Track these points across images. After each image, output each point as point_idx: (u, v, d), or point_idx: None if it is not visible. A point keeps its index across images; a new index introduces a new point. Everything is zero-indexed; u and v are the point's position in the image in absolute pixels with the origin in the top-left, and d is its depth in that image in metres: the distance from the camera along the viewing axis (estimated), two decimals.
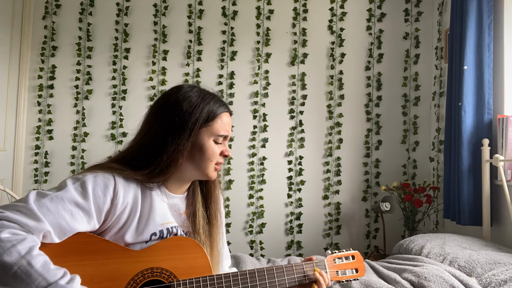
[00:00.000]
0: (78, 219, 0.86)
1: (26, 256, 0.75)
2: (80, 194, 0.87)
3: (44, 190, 0.88)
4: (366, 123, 3.10)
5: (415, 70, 3.08)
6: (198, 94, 1.02)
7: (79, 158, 3.09)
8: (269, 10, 3.13)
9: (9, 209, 0.81)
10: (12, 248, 0.75)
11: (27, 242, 0.77)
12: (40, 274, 0.75)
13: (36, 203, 0.83)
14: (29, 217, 0.80)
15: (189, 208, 1.07)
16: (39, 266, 0.76)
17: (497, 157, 2.05)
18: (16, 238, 0.77)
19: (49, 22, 3.14)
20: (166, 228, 0.99)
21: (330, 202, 3.08)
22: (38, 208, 0.82)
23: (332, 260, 1.12)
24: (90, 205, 0.88)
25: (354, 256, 1.16)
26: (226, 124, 1.05)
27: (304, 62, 3.12)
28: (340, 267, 1.13)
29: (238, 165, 3.08)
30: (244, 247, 3.05)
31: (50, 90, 3.12)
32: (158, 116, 1.01)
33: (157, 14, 3.14)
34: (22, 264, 0.75)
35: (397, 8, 3.12)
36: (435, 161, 2.93)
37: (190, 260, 0.97)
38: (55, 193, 0.86)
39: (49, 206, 0.83)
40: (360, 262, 1.16)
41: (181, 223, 1.05)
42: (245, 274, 0.99)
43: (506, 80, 2.24)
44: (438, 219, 2.84)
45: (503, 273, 1.54)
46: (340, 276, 1.12)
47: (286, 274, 1.04)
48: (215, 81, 3.11)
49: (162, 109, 1.01)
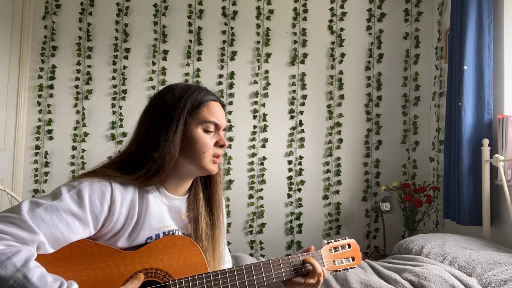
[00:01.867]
0: (73, 229, 0.84)
1: (21, 269, 0.73)
2: (76, 203, 0.84)
3: (38, 198, 0.84)
4: (366, 123, 3.10)
5: (415, 70, 3.08)
6: (182, 87, 1.02)
7: (79, 158, 3.09)
8: (269, 10, 3.13)
9: (1, 221, 0.77)
10: (7, 261, 0.72)
11: (23, 254, 0.75)
12: (36, 286, 0.73)
13: (29, 213, 0.79)
14: (23, 229, 0.77)
15: (191, 212, 1.05)
16: (36, 279, 0.74)
17: (497, 157, 2.05)
18: (11, 250, 0.74)
19: (49, 22, 3.15)
20: (163, 232, 0.97)
21: (330, 202, 3.08)
22: (32, 219, 0.79)
23: (329, 250, 1.12)
24: (87, 214, 0.85)
25: (350, 245, 1.16)
26: (215, 111, 1.02)
27: (304, 62, 3.12)
28: (337, 256, 1.13)
29: (238, 165, 3.08)
30: (244, 247, 3.05)
31: (50, 90, 3.12)
32: (147, 117, 1.00)
33: (157, 14, 3.14)
34: (18, 278, 0.72)
35: (397, 8, 3.12)
36: (435, 161, 2.93)
37: (185, 258, 0.96)
38: (49, 202, 0.82)
39: (43, 217, 0.80)
40: (356, 250, 1.16)
41: (182, 225, 1.03)
42: (241, 269, 0.98)
43: (506, 80, 2.24)
44: (438, 219, 2.84)
45: (503, 273, 1.54)
46: (337, 266, 1.12)
47: (282, 267, 1.03)
48: (215, 81, 3.11)
49: (149, 109, 1.01)
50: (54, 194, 0.86)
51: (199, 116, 1.00)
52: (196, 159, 0.99)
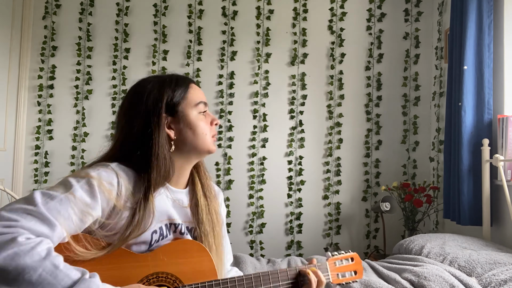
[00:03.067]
0: (87, 217, 0.85)
1: (48, 257, 0.74)
2: (87, 192, 0.85)
3: (48, 190, 0.84)
4: (366, 123, 3.10)
5: (415, 70, 3.08)
6: (159, 79, 1.02)
7: (79, 158, 3.09)
8: (269, 10, 3.13)
9: (18, 212, 0.78)
10: (32, 251, 0.73)
11: (44, 245, 0.76)
12: (65, 273, 0.74)
13: (45, 206, 0.80)
14: (42, 221, 0.78)
15: (192, 200, 1.05)
16: (62, 266, 0.75)
17: (497, 157, 2.05)
18: (34, 241, 0.75)
19: (49, 22, 3.15)
20: (165, 225, 0.98)
21: (330, 202, 3.08)
22: (48, 212, 0.79)
23: (333, 262, 1.13)
24: (98, 202, 0.86)
25: (353, 258, 1.16)
26: (199, 91, 1.04)
27: (304, 62, 3.12)
28: (340, 269, 1.13)
29: (238, 165, 3.08)
30: (244, 247, 3.05)
31: (50, 90, 3.12)
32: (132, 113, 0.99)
33: (157, 14, 3.14)
34: (47, 266, 0.73)
35: (397, 8, 3.12)
36: (435, 161, 2.93)
37: (195, 264, 0.96)
38: (62, 194, 0.83)
39: (59, 209, 0.81)
40: (358, 264, 1.16)
41: (186, 218, 1.03)
42: (250, 278, 0.98)
43: (506, 80, 2.24)
44: (438, 219, 2.84)
45: (503, 273, 1.54)
46: (340, 279, 1.12)
47: (289, 277, 1.02)
48: (215, 81, 3.11)
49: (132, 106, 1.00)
50: (64, 185, 0.86)
51: (190, 99, 1.01)
52: (199, 142, 1.00)
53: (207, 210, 1.05)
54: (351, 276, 1.14)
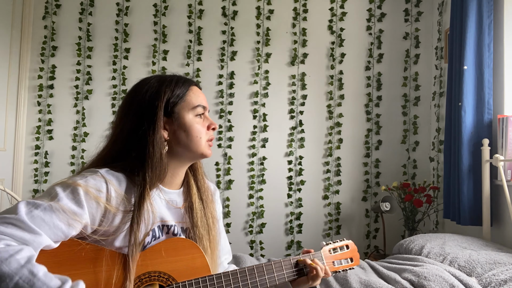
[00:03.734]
0: (74, 225, 0.83)
1: (26, 265, 0.72)
2: (72, 201, 0.83)
3: (34, 199, 0.82)
4: (366, 123, 3.10)
5: (415, 70, 3.08)
6: (159, 78, 1.01)
7: (79, 158, 3.09)
8: (269, 10, 3.13)
9: (1, 221, 0.76)
10: (10, 258, 0.71)
11: (25, 252, 0.74)
12: (43, 282, 0.72)
13: (28, 215, 0.78)
14: (23, 229, 0.76)
15: (186, 202, 1.04)
16: (41, 274, 0.72)
17: (497, 157, 2.05)
18: (13, 248, 0.73)
19: (49, 22, 3.15)
20: (158, 226, 0.96)
21: (330, 202, 3.08)
22: (31, 220, 0.77)
23: (328, 251, 1.14)
24: (85, 210, 0.84)
25: (348, 246, 1.17)
26: (200, 94, 1.02)
27: (304, 62, 3.12)
28: (336, 257, 1.14)
29: (238, 165, 3.08)
30: (244, 247, 3.05)
31: (50, 90, 3.12)
32: (129, 112, 0.98)
33: (157, 14, 3.14)
34: (24, 274, 0.71)
35: (397, 8, 3.12)
36: (435, 161, 2.93)
37: (188, 261, 0.95)
38: (47, 203, 0.81)
39: (43, 217, 0.79)
40: (354, 251, 1.17)
41: (180, 219, 1.02)
42: (244, 271, 0.98)
43: (506, 80, 2.24)
44: (438, 219, 2.84)
45: (503, 273, 1.54)
46: (336, 267, 1.13)
47: (284, 268, 1.04)
48: (215, 81, 3.11)
49: (131, 105, 0.99)
50: (50, 194, 0.84)
51: (188, 102, 0.99)
52: (193, 145, 0.99)
53: (202, 214, 1.04)
54: (348, 263, 1.15)
